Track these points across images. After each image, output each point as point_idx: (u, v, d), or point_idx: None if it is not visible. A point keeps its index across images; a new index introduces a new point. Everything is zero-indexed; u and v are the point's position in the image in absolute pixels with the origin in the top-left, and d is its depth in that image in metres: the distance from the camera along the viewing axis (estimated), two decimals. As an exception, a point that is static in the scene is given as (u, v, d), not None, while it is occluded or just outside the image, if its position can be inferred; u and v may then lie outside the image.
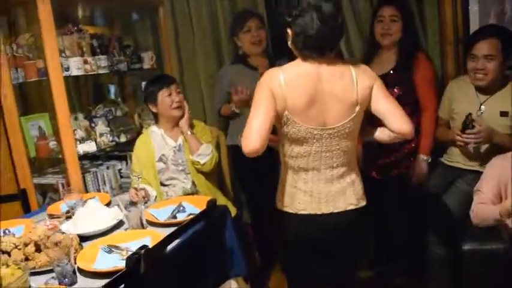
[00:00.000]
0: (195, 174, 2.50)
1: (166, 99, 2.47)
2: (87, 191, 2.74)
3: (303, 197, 1.70)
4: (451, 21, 2.73)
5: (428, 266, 2.26)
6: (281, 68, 1.63)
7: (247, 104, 2.60)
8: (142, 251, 1.51)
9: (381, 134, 1.73)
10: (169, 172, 2.50)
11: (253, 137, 1.55)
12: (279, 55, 2.84)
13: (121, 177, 3.12)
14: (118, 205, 2.01)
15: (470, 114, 2.22)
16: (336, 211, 1.71)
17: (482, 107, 2.28)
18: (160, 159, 2.50)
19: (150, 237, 1.79)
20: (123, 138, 3.01)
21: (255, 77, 2.68)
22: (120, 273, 1.45)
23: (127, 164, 3.17)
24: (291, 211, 1.73)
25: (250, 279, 2.35)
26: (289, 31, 1.63)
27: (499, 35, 2.27)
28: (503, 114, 2.26)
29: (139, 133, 3.10)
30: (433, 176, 2.52)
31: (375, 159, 2.62)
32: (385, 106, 1.66)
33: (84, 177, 2.81)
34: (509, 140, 2.24)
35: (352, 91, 1.61)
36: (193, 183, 2.50)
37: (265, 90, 1.59)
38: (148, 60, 3.18)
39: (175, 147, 2.52)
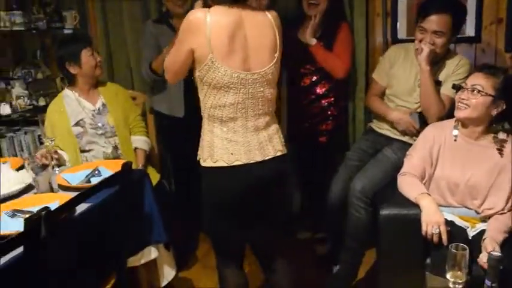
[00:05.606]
0: (122, 137, 2.42)
1: (91, 58, 2.35)
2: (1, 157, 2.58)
3: (235, 147, 1.67)
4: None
5: (347, 229, 2.31)
6: (207, 10, 1.59)
7: None
8: (43, 212, 1.43)
9: None
10: (88, 136, 2.38)
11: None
12: None
13: (40, 143, 2.96)
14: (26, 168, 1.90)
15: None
16: (267, 158, 1.71)
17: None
18: (77, 124, 2.37)
19: (59, 201, 1.71)
20: (42, 102, 2.85)
21: None
22: (16, 235, 1.36)
23: (40, 127, 3.01)
24: (224, 164, 1.67)
25: (174, 247, 2.31)
26: None
27: (451, 10, 2.21)
28: (438, 83, 2.28)
29: (60, 97, 2.95)
30: (363, 140, 2.57)
31: (299, 124, 2.67)
32: None
33: (-2, 143, 2.65)
34: None
35: (272, 38, 1.67)
36: (115, 147, 2.41)
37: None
38: (71, 20, 2.99)
39: (93, 110, 2.41)
